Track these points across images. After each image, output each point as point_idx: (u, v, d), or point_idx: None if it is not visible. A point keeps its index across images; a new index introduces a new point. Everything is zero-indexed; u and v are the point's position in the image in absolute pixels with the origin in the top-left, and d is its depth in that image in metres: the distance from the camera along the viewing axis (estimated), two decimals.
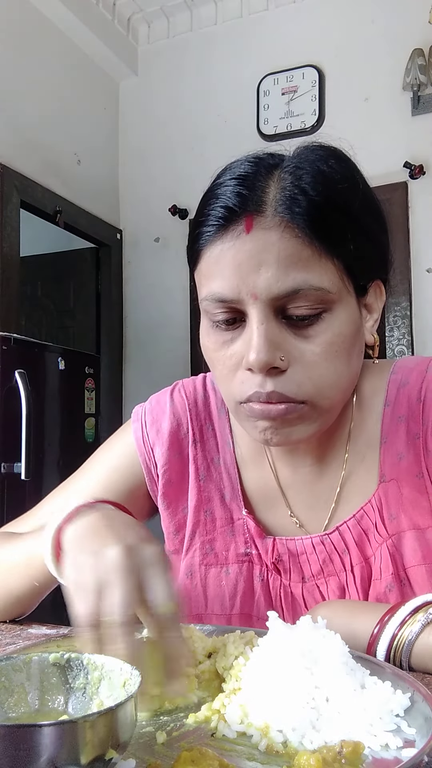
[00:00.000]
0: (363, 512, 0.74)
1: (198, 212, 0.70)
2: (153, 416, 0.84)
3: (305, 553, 0.75)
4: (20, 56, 3.17)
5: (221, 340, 0.68)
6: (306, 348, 0.64)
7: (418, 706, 0.47)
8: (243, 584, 0.77)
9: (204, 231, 0.66)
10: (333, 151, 0.68)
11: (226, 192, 0.66)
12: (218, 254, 0.65)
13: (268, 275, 0.62)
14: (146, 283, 3.91)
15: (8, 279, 3.06)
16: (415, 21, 3.18)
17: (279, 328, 0.64)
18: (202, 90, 3.75)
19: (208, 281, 0.67)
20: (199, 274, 0.69)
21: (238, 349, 0.66)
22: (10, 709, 0.44)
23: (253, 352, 0.63)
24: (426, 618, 0.58)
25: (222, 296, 0.65)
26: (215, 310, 0.67)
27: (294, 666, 0.48)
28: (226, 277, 0.64)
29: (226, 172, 0.69)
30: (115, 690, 0.45)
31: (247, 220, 0.63)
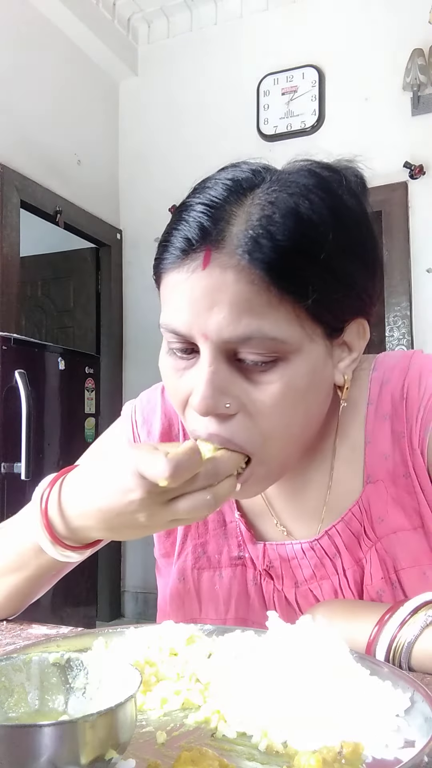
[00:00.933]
0: (351, 514, 0.73)
1: (165, 231, 0.65)
2: (144, 416, 0.83)
3: (296, 558, 0.74)
4: (20, 56, 3.17)
5: (175, 367, 0.64)
6: (256, 395, 0.60)
7: (418, 706, 0.47)
8: (237, 588, 0.76)
9: (164, 257, 0.62)
10: (321, 180, 0.62)
11: (190, 219, 0.60)
12: (174, 284, 0.61)
13: (219, 317, 0.57)
14: (146, 283, 3.87)
15: (8, 279, 3.06)
16: (415, 21, 3.18)
17: (230, 371, 0.60)
18: (202, 90, 3.75)
19: (165, 308, 0.63)
20: (162, 297, 0.64)
21: (189, 382, 0.62)
22: (10, 709, 0.44)
23: (197, 395, 0.59)
24: (426, 619, 0.58)
25: (174, 329, 0.61)
26: (170, 338, 0.62)
27: (294, 666, 0.48)
28: (179, 311, 0.60)
29: (198, 192, 0.63)
30: (115, 690, 0.44)
31: (205, 255, 0.58)
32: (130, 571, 3.89)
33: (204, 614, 0.77)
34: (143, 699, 0.50)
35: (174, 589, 0.79)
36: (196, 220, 0.59)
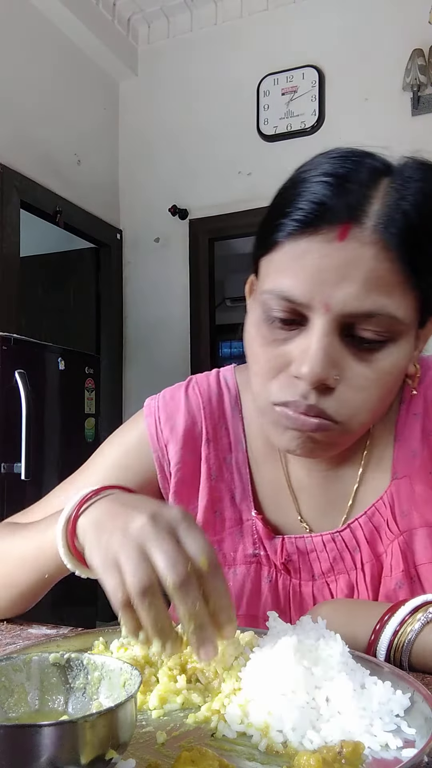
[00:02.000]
0: (375, 509, 0.74)
1: (282, 198, 0.65)
2: (167, 413, 0.81)
3: (315, 550, 0.75)
4: (20, 56, 3.17)
5: (272, 338, 0.64)
6: (361, 371, 0.61)
7: (418, 706, 0.47)
8: (250, 585, 0.76)
9: (288, 223, 0.61)
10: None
11: (323, 188, 0.60)
12: (300, 252, 0.60)
13: (349, 291, 0.59)
14: (146, 283, 3.91)
15: (8, 279, 3.06)
16: (415, 21, 3.18)
17: (340, 345, 0.61)
18: (201, 90, 3.75)
19: (278, 275, 0.62)
20: (269, 264, 0.64)
21: (289, 351, 0.63)
22: (10, 709, 0.44)
23: (309, 364, 0.60)
24: (426, 617, 0.59)
25: (290, 296, 0.61)
26: (275, 306, 0.62)
27: (294, 666, 0.48)
28: (301, 279, 0.60)
29: (320, 165, 0.63)
30: (115, 690, 0.45)
31: (343, 227, 0.59)
32: None
33: None
34: (143, 699, 0.50)
35: None
36: (333, 190, 0.60)
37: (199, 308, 3.76)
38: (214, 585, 0.50)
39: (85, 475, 0.83)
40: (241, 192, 3.62)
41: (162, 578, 0.49)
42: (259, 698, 0.47)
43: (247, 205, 3.59)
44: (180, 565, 0.49)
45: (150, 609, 0.49)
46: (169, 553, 0.49)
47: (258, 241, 0.67)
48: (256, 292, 0.68)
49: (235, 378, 0.83)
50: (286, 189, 0.66)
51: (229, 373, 0.84)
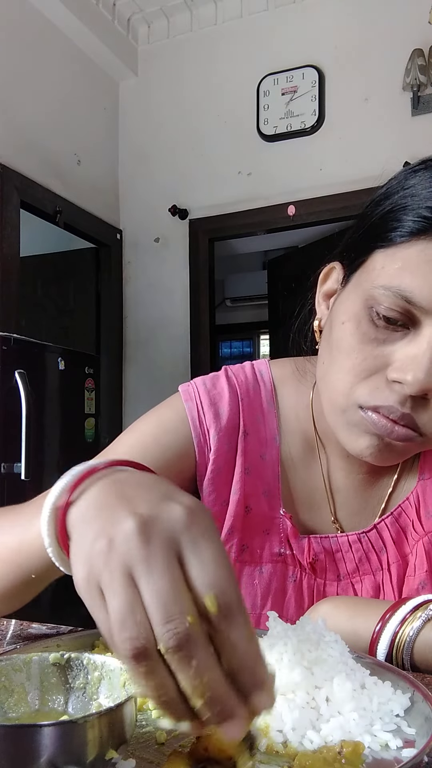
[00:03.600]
0: (401, 509, 0.74)
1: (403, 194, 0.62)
2: (210, 398, 0.77)
3: (341, 551, 0.75)
4: (20, 56, 3.17)
5: (373, 336, 0.62)
6: None
7: (418, 706, 0.47)
8: (276, 584, 0.76)
9: (423, 219, 0.59)
10: None
11: None
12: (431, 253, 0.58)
13: None
14: (146, 283, 3.91)
15: (8, 279, 3.06)
16: (415, 21, 3.18)
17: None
18: (202, 90, 3.75)
19: (401, 272, 0.60)
20: (390, 258, 0.61)
21: (389, 354, 0.61)
22: (10, 709, 0.44)
23: (417, 371, 0.58)
24: (426, 615, 0.59)
25: (410, 296, 0.59)
26: (386, 303, 0.60)
27: (294, 666, 0.48)
28: (429, 283, 0.58)
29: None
30: (115, 690, 0.44)
31: None
32: None
33: None
34: (143, 699, 0.50)
35: None
36: None
37: (199, 308, 3.76)
38: (230, 635, 0.34)
39: (117, 453, 0.74)
40: (241, 192, 3.62)
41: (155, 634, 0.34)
42: None
43: (247, 205, 3.59)
44: (178, 615, 0.34)
45: (149, 676, 0.34)
46: (161, 594, 0.34)
47: (373, 231, 0.64)
48: (357, 283, 0.65)
49: (271, 372, 0.81)
50: (409, 184, 0.62)
51: (264, 366, 0.82)
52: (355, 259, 0.67)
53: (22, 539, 0.53)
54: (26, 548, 0.53)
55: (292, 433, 0.78)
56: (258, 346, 6.98)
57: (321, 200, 3.38)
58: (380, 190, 0.66)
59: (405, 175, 0.64)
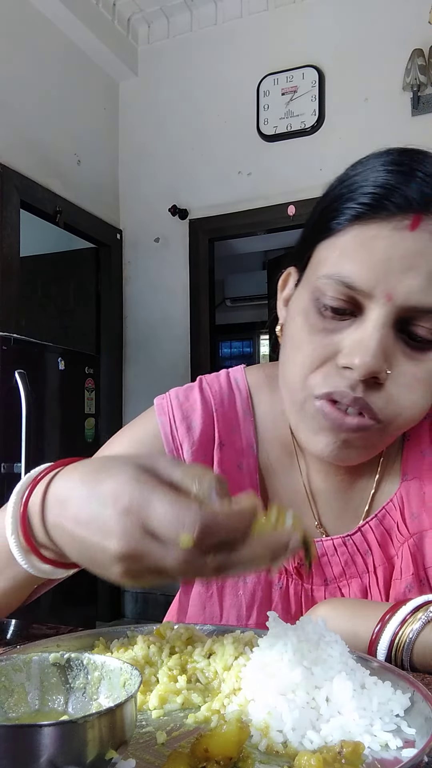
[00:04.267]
0: (385, 511, 0.73)
1: (343, 184, 0.63)
2: (182, 412, 0.77)
3: (327, 555, 0.74)
4: (20, 56, 3.17)
5: (321, 326, 0.62)
6: (410, 370, 0.60)
7: (418, 706, 0.47)
8: (261, 594, 0.75)
9: (355, 207, 0.59)
10: None
11: (392, 177, 0.59)
12: (368, 238, 0.58)
13: (414, 282, 0.57)
14: (146, 283, 3.91)
15: (8, 279, 3.06)
16: (415, 21, 3.18)
17: (394, 339, 0.59)
18: (201, 90, 3.75)
19: (340, 260, 0.60)
20: (330, 249, 0.62)
21: (338, 342, 0.61)
22: (10, 709, 0.44)
23: (364, 355, 0.58)
24: (426, 616, 0.59)
25: (351, 282, 0.58)
26: (331, 292, 0.60)
27: (294, 666, 0.48)
28: (366, 266, 0.58)
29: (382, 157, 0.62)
30: (115, 690, 0.44)
31: (415, 217, 0.57)
32: None
33: (225, 620, 0.74)
34: (143, 699, 0.50)
35: (195, 593, 0.76)
36: (412, 183, 0.59)
37: (198, 308, 3.76)
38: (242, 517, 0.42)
39: None
40: (241, 192, 3.62)
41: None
42: (259, 698, 0.47)
43: (247, 205, 3.59)
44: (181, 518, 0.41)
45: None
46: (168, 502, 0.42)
47: (315, 227, 0.64)
48: (306, 279, 0.65)
49: (246, 380, 0.80)
50: (349, 176, 0.63)
51: (240, 374, 0.81)
52: (303, 258, 0.67)
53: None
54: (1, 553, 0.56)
55: (270, 440, 0.77)
56: (258, 346, 6.97)
57: None
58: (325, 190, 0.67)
59: (345, 171, 0.65)
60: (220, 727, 0.41)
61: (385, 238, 0.58)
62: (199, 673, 0.53)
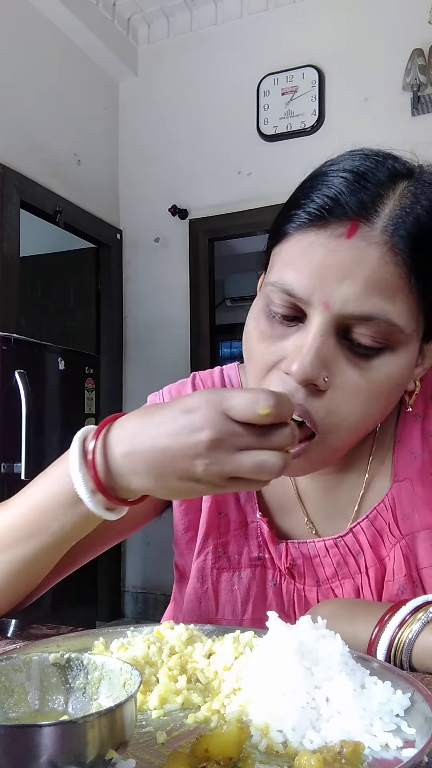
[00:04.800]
0: (376, 512, 0.73)
1: (300, 190, 0.63)
2: None
3: (318, 556, 0.74)
4: (20, 56, 3.17)
5: (270, 333, 0.62)
6: (352, 378, 0.60)
7: (418, 706, 0.47)
8: (255, 589, 0.75)
9: (300, 214, 0.60)
10: None
11: (339, 183, 0.59)
12: (306, 246, 0.59)
13: (350, 290, 0.57)
14: (146, 283, 3.91)
15: (8, 279, 3.06)
16: (415, 21, 3.18)
17: (335, 346, 0.59)
18: (201, 90, 3.75)
19: (282, 268, 0.61)
20: (277, 256, 0.63)
21: (284, 348, 0.61)
22: (10, 709, 0.44)
23: (300, 362, 0.58)
24: (426, 617, 0.58)
25: (291, 290, 0.59)
26: (277, 300, 0.61)
27: (294, 666, 0.48)
28: (304, 274, 0.59)
29: (342, 161, 0.62)
30: (115, 690, 0.44)
31: (353, 224, 0.57)
32: (130, 571, 3.89)
33: (220, 615, 0.75)
34: (143, 699, 0.50)
35: (191, 589, 0.77)
36: (348, 186, 0.59)
37: (198, 308, 3.76)
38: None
39: None
40: (241, 192, 3.62)
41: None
42: (259, 698, 0.47)
43: (247, 205, 3.59)
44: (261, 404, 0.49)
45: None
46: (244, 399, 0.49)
47: (271, 232, 0.65)
48: (262, 285, 0.66)
49: (239, 376, 0.81)
50: (305, 182, 0.64)
51: (233, 371, 0.82)
52: (264, 265, 0.68)
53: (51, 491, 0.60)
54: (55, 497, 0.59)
55: None
56: None
57: None
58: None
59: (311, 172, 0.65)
60: (220, 727, 0.41)
61: (322, 245, 0.58)
62: (199, 673, 0.53)
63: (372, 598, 0.72)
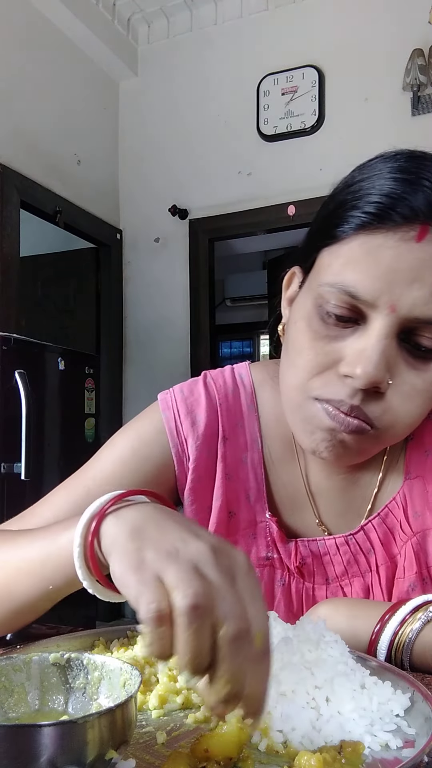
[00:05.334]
0: (388, 510, 0.73)
1: (350, 189, 0.62)
2: (187, 407, 0.77)
3: (329, 554, 0.74)
4: (20, 56, 3.17)
5: (323, 333, 0.62)
6: (410, 379, 0.60)
7: (418, 706, 0.47)
8: (263, 589, 0.75)
9: (361, 216, 0.59)
10: None
11: (398, 184, 0.59)
12: (373, 248, 0.58)
13: (419, 294, 0.57)
14: (146, 283, 3.91)
15: (8, 279, 3.06)
16: (415, 21, 3.18)
17: (396, 349, 0.60)
18: (201, 90, 3.75)
19: (344, 269, 0.60)
20: (334, 255, 0.62)
21: (340, 349, 0.61)
22: (10, 709, 0.44)
23: (365, 365, 0.58)
24: (426, 616, 0.59)
25: (354, 292, 0.59)
26: (334, 300, 0.60)
27: (294, 666, 0.48)
28: (370, 276, 0.58)
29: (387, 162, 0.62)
30: (115, 690, 0.44)
31: (422, 228, 0.57)
32: None
33: None
34: (143, 699, 0.50)
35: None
36: (425, 194, 0.58)
37: (198, 308, 3.76)
38: (261, 667, 0.41)
39: (96, 467, 0.77)
40: (241, 192, 3.62)
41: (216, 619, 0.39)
42: None
43: (247, 205, 3.59)
44: (242, 614, 0.40)
45: (197, 633, 0.38)
46: (231, 597, 0.40)
47: (320, 231, 0.64)
48: (309, 284, 0.65)
49: (251, 376, 0.81)
50: (353, 181, 0.63)
51: (244, 370, 0.81)
52: (307, 261, 0.67)
53: (49, 552, 0.54)
54: (50, 559, 0.54)
55: (273, 437, 0.78)
56: (258, 346, 6.97)
57: (321, 200, 3.34)
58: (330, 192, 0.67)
59: (351, 174, 0.65)
60: (220, 727, 0.41)
61: (390, 248, 0.58)
62: None
63: (382, 595, 0.72)
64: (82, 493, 0.74)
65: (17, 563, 0.58)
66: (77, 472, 0.79)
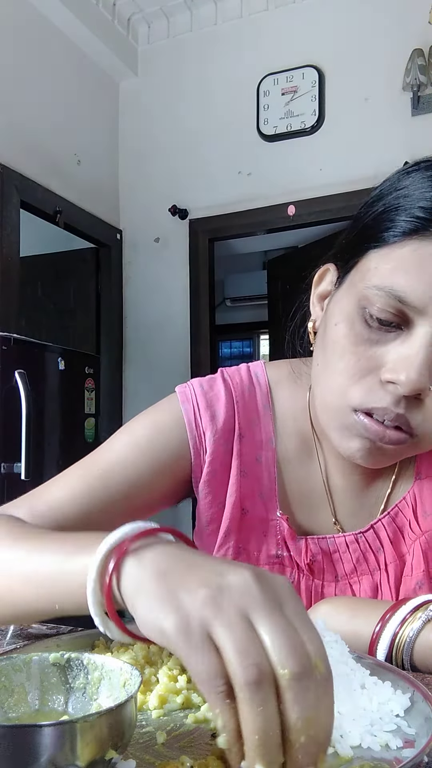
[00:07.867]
0: (398, 509, 0.74)
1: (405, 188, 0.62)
2: (207, 400, 0.77)
3: (338, 551, 0.75)
4: (20, 56, 3.17)
5: (366, 336, 0.62)
6: None
7: (418, 706, 0.47)
8: None
9: (416, 220, 0.59)
10: None
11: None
12: (427, 255, 0.59)
13: None
14: (146, 283, 3.91)
15: (8, 279, 3.06)
16: (415, 21, 3.18)
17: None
18: (201, 90, 3.75)
19: (394, 273, 0.60)
20: (383, 258, 0.62)
21: (382, 355, 0.61)
22: (10, 709, 0.44)
23: (411, 371, 0.59)
24: (426, 615, 0.59)
25: (403, 296, 0.59)
26: (379, 303, 0.60)
27: None
28: (422, 282, 0.58)
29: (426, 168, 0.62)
30: (115, 690, 0.44)
31: None
32: None
33: None
34: (143, 699, 0.50)
35: None
36: None
37: (198, 308, 3.76)
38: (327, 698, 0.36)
39: (113, 451, 0.77)
40: (241, 192, 3.62)
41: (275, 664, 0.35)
42: None
43: (247, 205, 3.59)
44: (301, 650, 0.36)
45: (264, 708, 0.34)
46: (285, 631, 0.36)
47: (366, 233, 0.64)
48: (350, 284, 0.65)
49: (266, 375, 0.81)
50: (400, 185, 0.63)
51: (260, 369, 0.82)
52: (348, 260, 0.67)
53: (61, 571, 0.51)
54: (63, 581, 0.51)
55: (289, 435, 0.78)
56: (258, 346, 6.97)
57: (321, 200, 3.38)
58: (374, 192, 0.67)
59: (398, 176, 0.65)
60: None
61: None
62: None
63: (390, 593, 0.73)
64: (97, 476, 0.75)
65: (26, 572, 0.55)
66: (92, 454, 0.79)
